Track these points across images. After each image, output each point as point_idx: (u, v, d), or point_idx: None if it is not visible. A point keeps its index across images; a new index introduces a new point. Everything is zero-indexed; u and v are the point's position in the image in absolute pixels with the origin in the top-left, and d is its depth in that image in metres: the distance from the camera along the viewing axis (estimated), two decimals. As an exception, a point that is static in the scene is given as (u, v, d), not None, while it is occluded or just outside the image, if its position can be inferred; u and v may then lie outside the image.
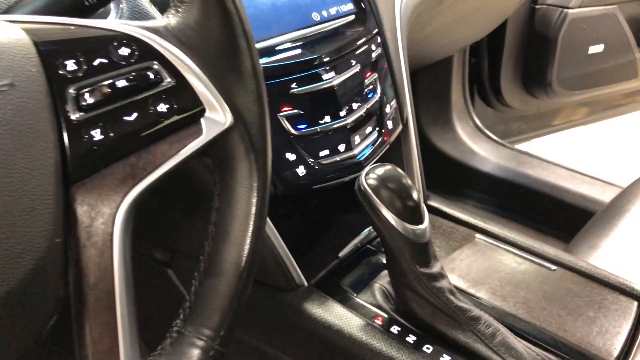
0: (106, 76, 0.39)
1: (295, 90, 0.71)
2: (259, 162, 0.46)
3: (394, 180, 0.65)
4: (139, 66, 0.41)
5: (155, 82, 0.41)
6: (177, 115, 0.42)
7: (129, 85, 0.40)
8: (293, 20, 0.74)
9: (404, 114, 0.87)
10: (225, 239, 0.45)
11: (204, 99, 0.43)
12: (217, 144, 0.45)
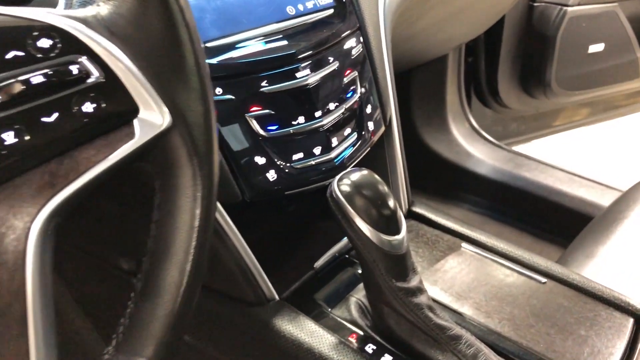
0: (21, 71, 0.34)
1: (266, 88, 0.66)
2: (203, 169, 0.41)
3: (370, 186, 0.60)
4: (61, 60, 0.36)
5: (80, 78, 0.36)
6: (106, 116, 0.37)
7: (47, 81, 0.35)
8: (265, 14, 0.69)
9: (387, 115, 0.82)
10: (165, 256, 0.40)
11: (137, 98, 0.38)
12: (154, 148, 0.40)
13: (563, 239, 1.52)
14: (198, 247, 0.41)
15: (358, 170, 0.61)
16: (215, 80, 0.63)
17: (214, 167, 0.42)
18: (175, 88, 0.39)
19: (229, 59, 0.64)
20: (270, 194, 0.67)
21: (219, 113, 0.63)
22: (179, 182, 0.40)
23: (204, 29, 0.64)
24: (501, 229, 1.61)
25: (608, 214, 1.07)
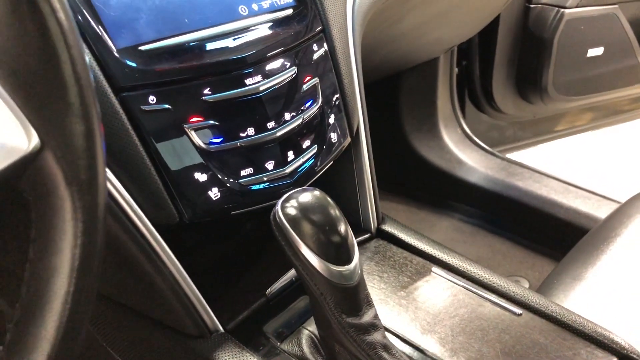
0: None
1: (209, 97, 0.59)
2: (84, 199, 0.34)
3: (318, 209, 0.53)
4: None
5: None
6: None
7: None
8: (213, 13, 0.62)
9: (353, 125, 0.75)
10: (38, 305, 0.34)
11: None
12: (22, 175, 0.33)
13: (557, 252, 1.45)
14: (77, 294, 0.34)
15: (306, 190, 0.55)
16: (148, 87, 0.57)
17: (98, 196, 0.35)
18: (46, 104, 0.32)
19: (165, 64, 0.57)
20: (213, 215, 0.60)
21: (152, 123, 0.57)
22: (55, 215, 0.34)
23: (137, 30, 0.57)
24: (493, 240, 1.54)
25: (600, 231, 1.00)
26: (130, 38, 0.56)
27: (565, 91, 1.73)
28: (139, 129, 0.56)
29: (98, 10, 0.55)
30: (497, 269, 1.44)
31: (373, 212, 0.78)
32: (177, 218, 0.58)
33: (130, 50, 0.56)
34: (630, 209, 1.04)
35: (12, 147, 0.32)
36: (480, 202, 1.59)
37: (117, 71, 0.55)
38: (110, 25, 0.56)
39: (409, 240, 0.75)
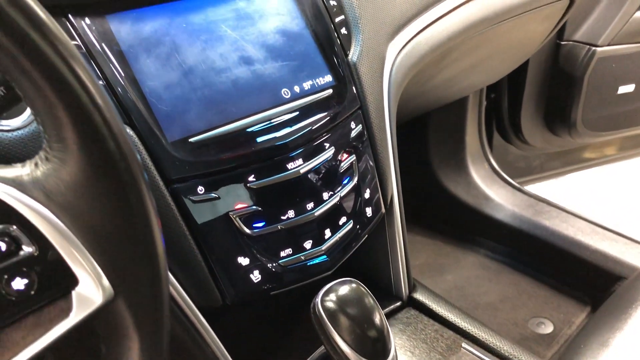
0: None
1: (254, 183, 0.62)
2: (151, 338, 0.37)
3: (356, 302, 0.56)
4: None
5: (11, 252, 0.33)
6: (39, 292, 0.33)
7: (-30, 263, 0.31)
8: (257, 100, 0.65)
9: (387, 196, 0.77)
10: None
11: (76, 269, 0.35)
12: (96, 320, 0.36)
13: (583, 294, 1.46)
14: None
15: (344, 282, 0.57)
16: (197, 178, 0.60)
17: (163, 336, 0.38)
18: (118, 257, 0.36)
19: (214, 154, 0.60)
20: (254, 296, 0.63)
21: (201, 212, 0.60)
22: (123, 354, 0.37)
23: (188, 122, 0.60)
24: (518, 279, 1.55)
25: (630, 290, 1.00)
26: (181, 130, 0.59)
27: (594, 127, 1.74)
28: (188, 218, 0.59)
29: (152, 105, 0.58)
30: (522, 309, 1.45)
31: (405, 279, 0.80)
32: (220, 301, 0.61)
33: (181, 142, 0.59)
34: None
35: (89, 297, 0.35)
36: (506, 239, 1.60)
37: (168, 164, 0.58)
38: (163, 119, 0.59)
39: (439, 311, 0.77)
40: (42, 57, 0.30)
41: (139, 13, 0.60)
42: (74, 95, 0.31)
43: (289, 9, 0.70)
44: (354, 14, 0.75)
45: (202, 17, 0.64)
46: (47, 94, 0.31)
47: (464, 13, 0.94)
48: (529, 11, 1.10)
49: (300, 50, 0.70)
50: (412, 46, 0.84)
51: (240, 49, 0.65)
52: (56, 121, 0.32)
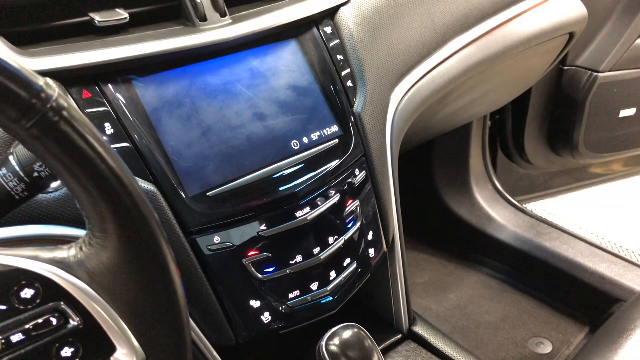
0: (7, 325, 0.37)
1: (265, 232, 0.68)
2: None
3: (356, 346, 0.61)
4: (42, 309, 0.38)
5: (60, 325, 0.39)
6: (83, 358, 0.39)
7: (26, 337, 0.37)
8: (269, 153, 0.71)
9: (389, 236, 0.83)
10: None
11: (114, 338, 0.40)
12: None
13: (582, 315, 1.50)
14: None
15: (347, 327, 0.63)
16: (213, 228, 0.65)
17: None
18: (149, 326, 0.41)
19: (229, 206, 0.66)
20: (264, 335, 0.69)
21: (217, 260, 0.65)
22: None
23: (206, 177, 0.66)
24: (519, 298, 1.60)
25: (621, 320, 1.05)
26: (200, 185, 0.65)
27: (596, 148, 1.78)
28: (205, 265, 0.65)
29: (173, 162, 0.64)
30: (522, 328, 1.50)
31: (405, 313, 0.86)
32: (234, 340, 0.67)
33: (200, 196, 0.65)
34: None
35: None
36: (508, 259, 1.65)
37: (188, 216, 0.64)
38: (183, 175, 0.64)
39: (438, 345, 0.82)
40: (92, 168, 0.36)
41: (162, 77, 0.66)
42: (117, 198, 0.37)
43: (298, 65, 0.76)
44: (359, 67, 0.81)
45: (220, 78, 0.69)
46: (94, 196, 0.37)
47: (464, 56, 0.99)
48: (528, 48, 1.15)
49: (309, 104, 0.75)
50: (413, 92, 0.90)
51: (254, 105, 0.71)
52: (100, 216, 0.38)
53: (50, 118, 0.34)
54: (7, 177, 0.46)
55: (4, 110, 0.34)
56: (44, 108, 0.34)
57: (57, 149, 0.35)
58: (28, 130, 0.34)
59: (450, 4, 0.96)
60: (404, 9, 0.89)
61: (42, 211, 0.56)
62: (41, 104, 0.34)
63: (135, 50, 0.63)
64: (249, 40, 0.72)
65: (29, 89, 0.33)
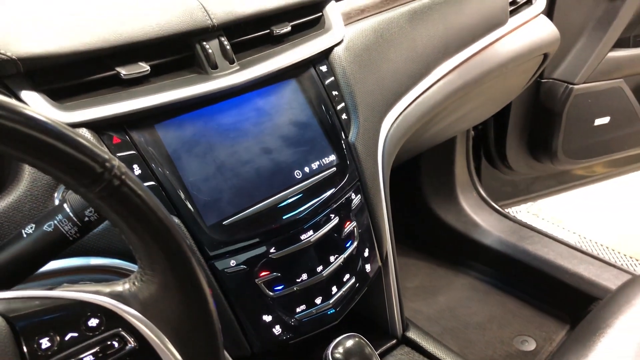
0: (77, 349, 0.46)
1: (274, 254, 0.77)
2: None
3: (358, 354, 0.70)
4: (105, 335, 0.47)
5: (120, 348, 0.48)
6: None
7: (95, 359, 0.46)
8: (275, 183, 0.80)
9: (383, 253, 0.92)
10: None
11: (163, 356, 0.49)
12: None
13: (563, 313, 1.61)
14: None
15: (350, 337, 0.72)
16: (229, 253, 0.74)
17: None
18: (192, 344, 0.50)
19: (243, 233, 0.75)
20: (276, 346, 0.78)
21: (233, 282, 0.74)
22: None
23: (221, 208, 0.75)
24: (505, 299, 1.70)
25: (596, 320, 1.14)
26: (216, 215, 0.74)
27: (574, 155, 1.89)
28: (222, 286, 0.74)
29: (193, 196, 0.73)
30: (508, 328, 1.60)
31: (399, 320, 0.95)
32: (250, 351, 0.76)
33: (217, 225, 0.74)
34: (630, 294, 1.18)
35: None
36: (493, 262, 1.75)
37: (207, 243, 0.73)
38: (202, 207, 0.73)
39: (429, 348, 0.92)
40: (146, 221, 0.45)
41: (180, 120, 0.75)
42: (165, 244, 0.46)
43: (298, 102, 0.85)
44: (352, 101, 0.90)
45: (230, 118, 0.78)
46: (147, 242, 0.46)
47: (446, 83, 1.09)
48: (506, 71, 1.25)
49: (309, 136, 0.85)
50: (401, 119, 0.99)
51: (261, 141, 0.80)
52: (150, 258, 0.47)
53: (113, 183, 0.43)
54: (63, 222, 0.54)
55: (80, 179, 0.42)
56: (109, 176, 0.43)
57: (119, 207, 0.44)
58: (97, 194, 0.43)
59: (432, 35, 1.05)
60: (390, 44, 0.99)
61: (82, 245, 0.65)
62: (107, 173, 0.43)
63: (157, 100, 0.71)
64: (255, 83, 0.80)
65: (99, 161, 0.42)
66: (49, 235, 0.55)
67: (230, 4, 0.80)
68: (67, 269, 0.62)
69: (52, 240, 0.55)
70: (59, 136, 0.40)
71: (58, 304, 0.47)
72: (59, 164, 0.41)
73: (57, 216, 0.54)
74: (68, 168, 0.42)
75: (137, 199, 0.44)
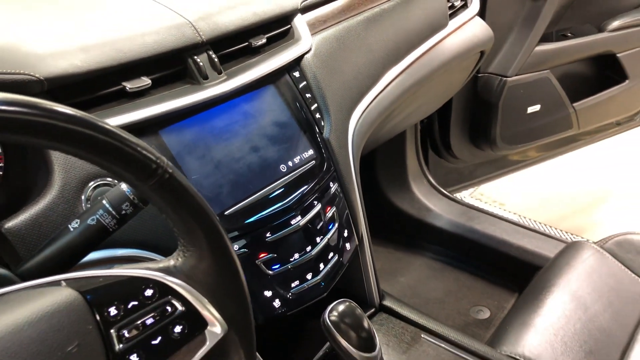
0: (139, 314, 0.56)
1: (270, 238, 0.88)
2: (247, 355, 0.63)
3: (350, 315, 0.83)
4: (161, 302, 0.58)
5: (172, 312, 0.58)
6: (188, 333, 0.59)
7: (156, 320, 0.57)
8: (265, 176, 0.91)
9: (359, 232, 1.05)
10: None
11: (206, 316, 0.60)
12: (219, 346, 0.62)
13: (511, 284, 1.79)
14: None
15: (342, 302, 0.84)
16: (232, 239, 0.85)
17: (253, 354, 0.64)
18: (229, 307, 0.61)
19: (242, 221, 0.86)
20: (276, 317, 0.89)
21: (237, 264, 0.85)
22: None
23: (222, 200, 0.86)
24: (459, 275, 1.87)
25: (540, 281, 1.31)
26: (218, 207, 0.85)
27: (510, 141, 2.08)
28: (229, 268, 0.84)
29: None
30: (464, 300, 1.76)
31: (376, 291, 1.08)
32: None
33: (220, 216, 0.84)
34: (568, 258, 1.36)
35: (214, 332, 0.60)
36: (447, 243, 1.91)
37: (213, 232, 0.83)
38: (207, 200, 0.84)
39: (404, 313, 1.05)
40: (189, 206, 0.56)
41: (180, 126, 0.85)
42: (205, 224, 0.57)
43: (278, 105, 0.97)
44: (323, 101, 1.02)
45: (222, 121, 0.89)
46: (190, 223, 0.57)
47: (399, 82, 1.23)
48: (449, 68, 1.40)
49: (290, 134, 0.96)
50: (365, 115, 1.12)
51: (250, 140, 0.91)
52: (192, 236, 0.58)
53: (164, 177, 0.54)
54: (104, 216, 0.64)
55: (138, 174, 0.53)
56: (161, 170, 0.54)
57: (168, 196, 0.55)
58: (151, 186, 0.54)
59: (385, 39, 1.19)
60: (351, 50, 1.12)
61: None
62: (160, 168, 0.53)
63: (159, 109, 0.81)
64: (240, 90, 0.91)
65: (152, 160, 0.53)
66: (92, 228, 0.65)
67: (214, 21, 0.90)
68: (99, 260, 0.72)
69: (95, 232, 0.65)
70: (124, 141, 0.51)
71: (118, 280, 0.57)
72: (123, 163, 0.52)
73: (99, 211, 0.64)
74: (129, 166, 0.52)
75: (182, 189, 0.55)
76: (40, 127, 0.45)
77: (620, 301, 1.25)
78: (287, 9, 1.02)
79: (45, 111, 0.45)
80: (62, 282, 0.55)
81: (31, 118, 0.44)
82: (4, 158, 0.78)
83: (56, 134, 0.46)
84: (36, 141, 0.46)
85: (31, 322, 0.50)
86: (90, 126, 0.49)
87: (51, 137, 0.46)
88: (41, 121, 0.45)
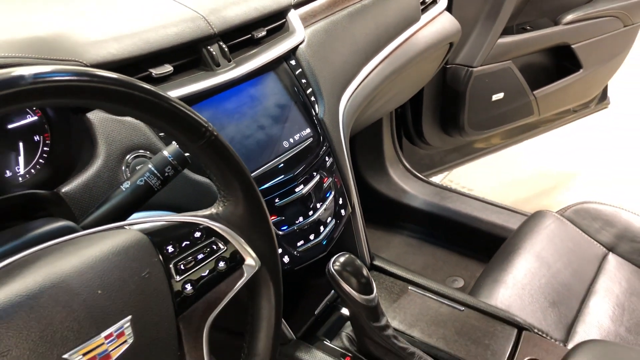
0: (190, 252, 0.69)
1: (278, 203, 1.02)
2: (276, 287, 0.77)
3: (351, 265, 0.96)
4: (207, 242, 0.71)
5: (217, 249, 0.71)
6: (229, 267, 0.72)
7: (204, 256, 0.70)
8: (272, 150, 1.04)
9: (352, 200, 1.19)
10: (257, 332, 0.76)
11: (243, 253, 0.73)
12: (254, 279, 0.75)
13: (482, 255, 1.95)
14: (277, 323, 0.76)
15: (343, 254, 0.98)
16: (247, 204, 0.98)
17: (280, 285, 0.77)
18: (261, 245, 0.75)
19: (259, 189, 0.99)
20: (285, 271, 1.02)
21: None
22: (262, 292, 0.76)
23: (236, 171, 0.98)
24: (434, 250, 2.03)
25: (510, 243, 1.47)
26: (234, 176, 0.97)
27: (478, 127, 2.24)
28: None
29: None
30: (440, 272, 1.93)
31: (367, 254, 1.22)
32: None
33: (236, 184, 0.97)
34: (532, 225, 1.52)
35: (251, 265, 0.74)
36: (422, 221, 2.07)
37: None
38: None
39: (392, 270, 1.20)
40: (231, 164, 0.69)
41: (198, 107, 0.97)
42: (242, 178, 0.70)
43: (279, 89, 1.10)
44: (317, 86, 1.16)
45: (233, 104, 1.02)
46: (230, 178, 0.70)
47: (380, 69, 1.38)
48: (422, 59, 1.55)
49: (290, 115, 1.10)
50: (352, 98, 1.27)
51: (257, 120, 1.04)
52: (231, 188, 0.71)
53: (211, 138, 0.67)
54: (150, 178, 0.77)
55: (190, 136, 0.66)
56: (209, 132, 0.67)
57: (213, 154, 0.68)
58: (200, 146, 0.67)
59: (367, 32, 1.34)
60: (338, 41, 1.26)
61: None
62: (208, 131, 0.66)
63: (181, 92, 0.94)
64: (247, 76, 1.04)
65: (202, 124, 0.66)
66: (140, 188, 0.77)
67: (222, 15, 1.03)
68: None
69: (143, 191, 0.77)
70: (181, 108, 0.64)
71: (172, 224, 0.70)
72: (180, 126, 0.65)
73: (146, 174, 0.77)
74: (184, 129, 0.65)
75: (225, 149, 0.68)
76: (126, 98, 0.58)
77: (579, 260, 1.42)
78: (283, 4, 1.15)
79: (131, 86, 0.58)
80: (126, 227, 0.68)
81: (126, 90, 0.57)
82: (50, 136, 0.90)
83: (136, 103, 0.59)
84: (122, 108, 0.59)
85: (114, 252, 0.62)
86: (157, 96, 0.62)
87: (133, 105, 0.59)
88: (128, 92, 0.58)
